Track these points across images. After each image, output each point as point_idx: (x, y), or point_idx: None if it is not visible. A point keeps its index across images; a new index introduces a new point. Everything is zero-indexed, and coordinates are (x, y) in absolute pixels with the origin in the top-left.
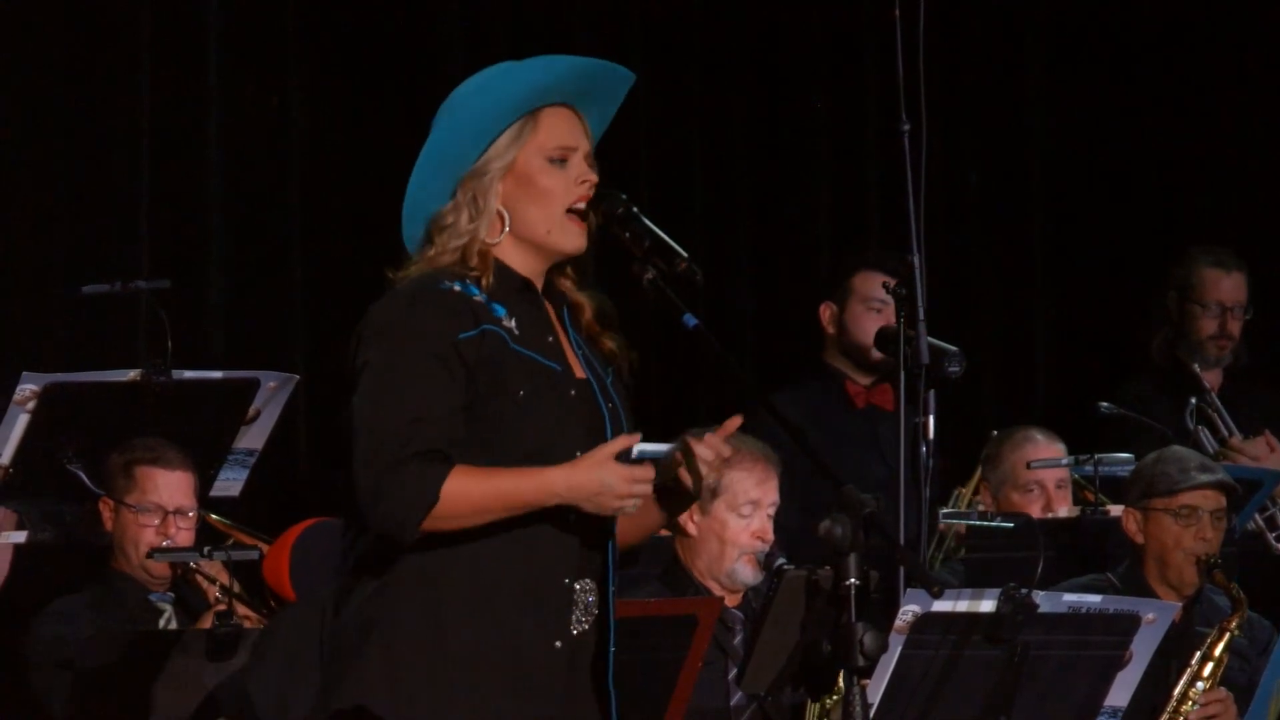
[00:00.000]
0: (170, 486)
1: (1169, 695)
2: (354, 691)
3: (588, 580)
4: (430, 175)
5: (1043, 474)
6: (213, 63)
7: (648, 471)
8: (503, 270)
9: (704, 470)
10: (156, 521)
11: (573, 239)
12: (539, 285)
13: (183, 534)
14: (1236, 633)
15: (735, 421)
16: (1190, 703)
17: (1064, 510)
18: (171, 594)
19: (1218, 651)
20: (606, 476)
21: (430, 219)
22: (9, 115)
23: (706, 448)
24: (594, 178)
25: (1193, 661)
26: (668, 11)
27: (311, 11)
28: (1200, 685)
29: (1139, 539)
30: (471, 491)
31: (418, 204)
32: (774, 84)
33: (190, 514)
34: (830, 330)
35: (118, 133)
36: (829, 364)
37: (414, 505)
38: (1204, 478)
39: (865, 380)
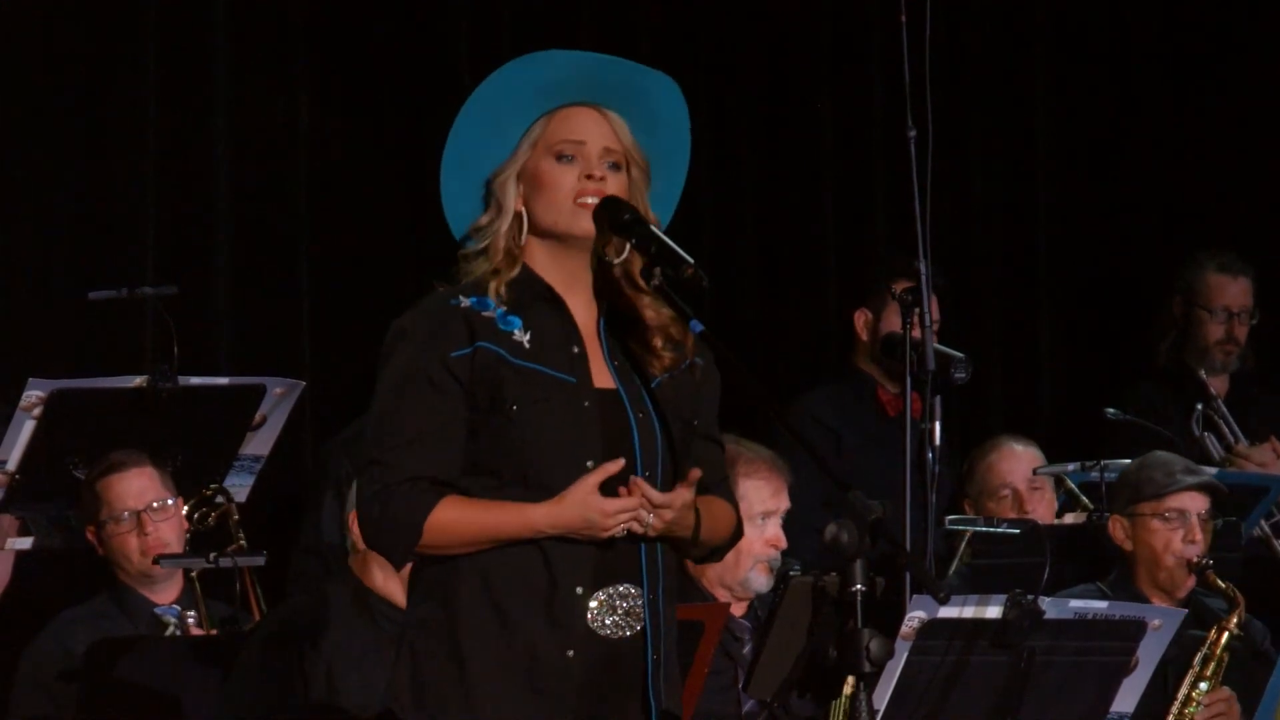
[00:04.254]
0: (132, 488)
1: (1173, 698)
2: (386, 697)
3: (623, 585)
4: (456, 180)
5: (1012, 476)
6: (219, 68)
7: (632, 500)
8: (529, 278)
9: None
10: (132, 526)
11: (581, 221)
12: (575, 291)
13: (164, 527)
14: (1236, 631)
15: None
16: (1194, 704)
17: (1042, 509)
18: (178, 607)
19: (1219, 651)
20: (587, 513)
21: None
22: (15, 121)
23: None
24: (599, 172)
25: (1195, 663)
26: (672, 18)
27: (318, 17)
28: (1203, 686)
29: (1127, 546)
30: (455, 526)
31: (458, 213)
32: (780, 90)
33: (168, 504)
34: (864, 336)
35: (124, 138)
36: (861, 369)
37: (399, 536)
38: (1190, 480)
39: (896, 388)
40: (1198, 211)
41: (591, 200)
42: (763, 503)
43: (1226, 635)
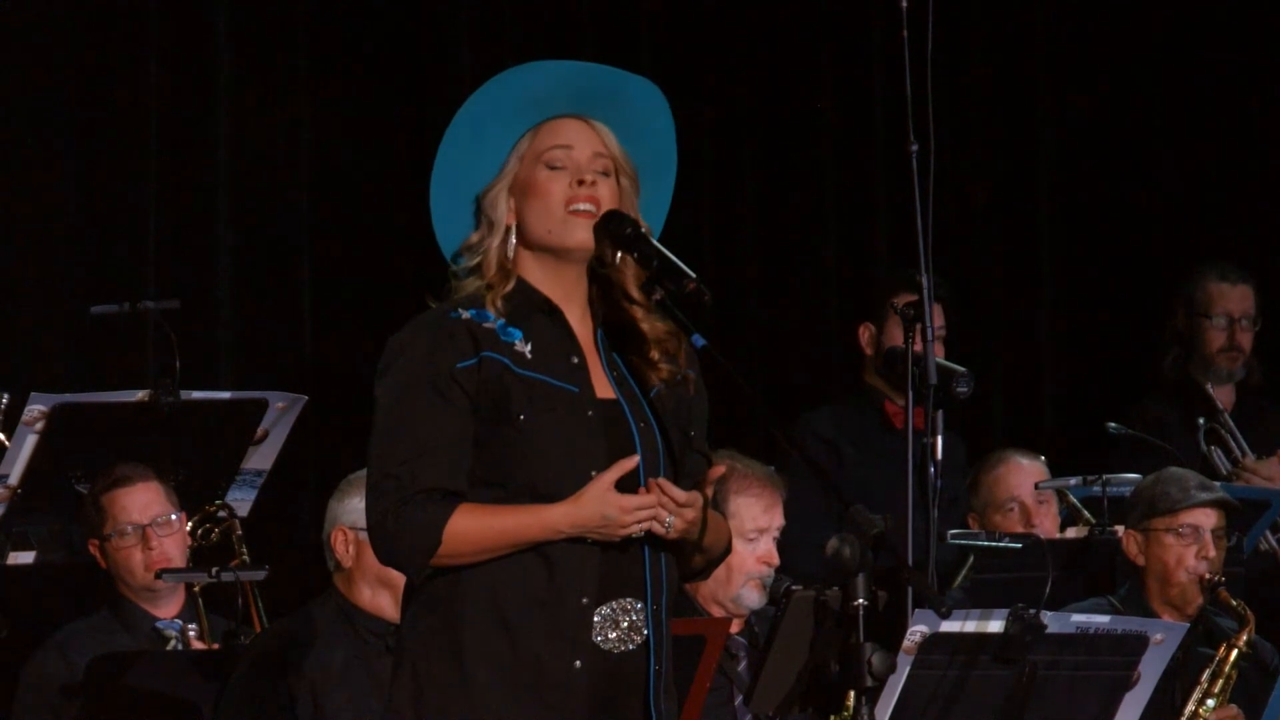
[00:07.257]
0: (137, 503)
1: (1180, 714)
2: (387, 711)
3: (628, 600)
4: (445, 200)
5: (1019, 489)
6: (221, 81)
7: (650, 498)
8: (525, 290)
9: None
10: (137, 541)
11: (574, 232)
12: (571, 303)
13: (169, 542)
14: (1245, 649)
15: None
16: None
17: (1049, 524)
18: (179, 621)
19: (1227, 668)
20: (605, 510)
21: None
22: (17, 135)
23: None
24: (589, 177)
25: (1203, 679)
26: (673, 31)
27: (321, 29)
28: (1210, 703)
29: (1140, 561)
30: (473, 532)
31: (448, 233)
32: (781, 104)
33: (172, 518)
34: (869, 351)
35: (126, 152)
36: (868, 384)
37: (417, 547)
38: (1205, 496)
39: (903, 401)
40: (1201, 224)
41: (584, 208)
42: (754, 519)
43: (1235, 653)
